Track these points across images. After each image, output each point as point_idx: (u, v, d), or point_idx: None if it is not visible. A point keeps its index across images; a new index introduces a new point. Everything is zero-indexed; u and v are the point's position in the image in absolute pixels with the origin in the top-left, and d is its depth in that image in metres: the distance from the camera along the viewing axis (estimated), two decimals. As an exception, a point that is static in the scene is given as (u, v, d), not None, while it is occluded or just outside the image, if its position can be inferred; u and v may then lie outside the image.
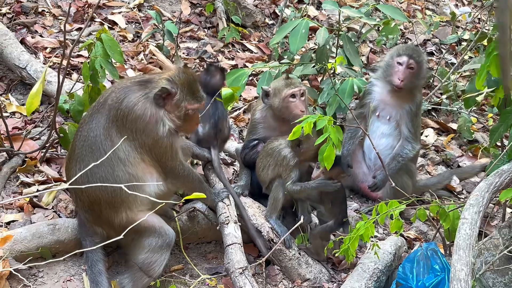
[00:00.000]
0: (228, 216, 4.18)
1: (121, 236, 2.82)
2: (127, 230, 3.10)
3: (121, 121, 3.81)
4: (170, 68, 4.09)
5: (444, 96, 6.73)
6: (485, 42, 6.61)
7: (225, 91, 4.52)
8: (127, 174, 3.83)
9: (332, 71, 5.84)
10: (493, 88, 4.22)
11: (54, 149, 4.87)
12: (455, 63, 7.30)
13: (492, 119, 6.36)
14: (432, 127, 6.52)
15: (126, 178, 3.81)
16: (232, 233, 4.10)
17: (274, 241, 4.29)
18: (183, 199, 2.99)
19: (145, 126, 3.83)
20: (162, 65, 6.20)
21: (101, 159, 3.23)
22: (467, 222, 3.65)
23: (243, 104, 6.09)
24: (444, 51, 7.82)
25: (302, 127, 3.82)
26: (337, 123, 3.90)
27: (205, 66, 4.88)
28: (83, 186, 3.43)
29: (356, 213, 4.93)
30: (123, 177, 3.80)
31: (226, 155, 5.27)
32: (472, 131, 6.36)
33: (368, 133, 4.65)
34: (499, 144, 4.74)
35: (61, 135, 4.50)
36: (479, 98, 4.47)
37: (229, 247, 4.02)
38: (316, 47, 5.91)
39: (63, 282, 3.98)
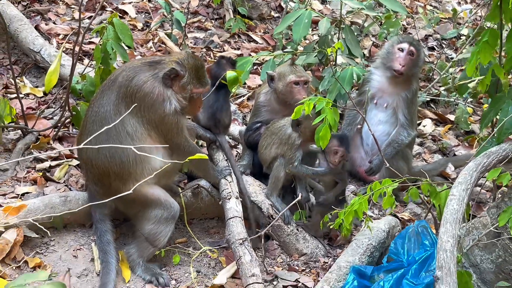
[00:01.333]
0: (230, 192, 4.40)
1: (130, 191, 2.97)
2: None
3: (130, 98, 4.02)
4: (179, 52, 4.28)
5: (442, 88, 6.94)
6: (482, 36, 6.78)
7: (229, 74, 4.73)
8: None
9: (333, 61, 6.07)
10: (485, 76, 4.41)
11: (66, 128, 5.11)
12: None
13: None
14: (430, 118, 6.73)
15: (133, 152, 3.96)
16: (234, 207, 4.32)
17: (274, 217, 4.50)
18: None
19: (152, 103, 4.04)
20: (171, 51, 6.43)
21: (106, 127, 3.50)
22: (455, 198, 3.83)
23: (247, 91, 6.31)
24: (444, 46, 8.03)
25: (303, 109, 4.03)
26: (336, 107, 4.11)
27: (216, 59, 5.07)
28: (96, 146, 3.67)
29: (353, 194, 5.13)
30: (130, 151, 3.98)
31: (230, 138, 5.49)
32: (469, 122, 6.58)
33: (366, 119, 4.87)
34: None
35: (73, 113, 4.72)
36: (471, 85, 4.67)
37: (230, 220, 4.24)
38: (319, 38, 6.15)
39: (73, 250, 4.20)
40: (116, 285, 4.03)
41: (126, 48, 4.74)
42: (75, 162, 4.79)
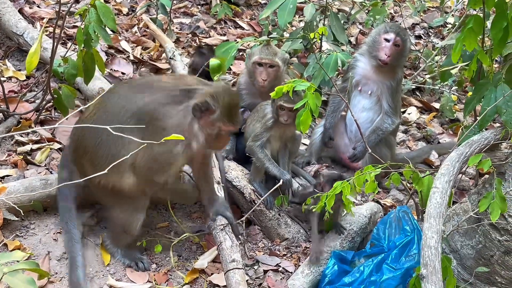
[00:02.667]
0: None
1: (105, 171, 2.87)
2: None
3: (149, 125, 3.72)
4: (215, 85, 3.96)
5: (428, 76, 6.94)
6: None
7: (212, 61, 4.72)
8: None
9: (318, 48, 6.06)
10: (468, 62, 4.42)
11: (48, 112, 5.08)
12: (441, 46, 7.51)
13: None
14: (415, 106, 6.74)
15: (121, 147, 3.79)
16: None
17: (256, 202, 4.50)
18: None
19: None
20: (156, 36, 6.39)
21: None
22: (438, 191, 3.84)
23: (232, 77, 6.29)
24: (431, 34, 8.04)
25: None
26: (320, 93, 4.10)
27: (194, 49, 5.02)
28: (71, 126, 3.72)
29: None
30: (119, 146, 3.79)
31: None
32: (453, 110, 6.60)
33: (349, 106, 4.88)
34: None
35: (55, 96, 4.69)
36: (454, 71, 4.67)
37: (212, 207, 4.25)
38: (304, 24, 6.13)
39: (54, 234, 4.18)
40: (83, 254, 4.04)
41: (110, 32, 4.70)
42: (56, 145, 4.77)
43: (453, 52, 4.12)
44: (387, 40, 5.23)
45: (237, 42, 5.61)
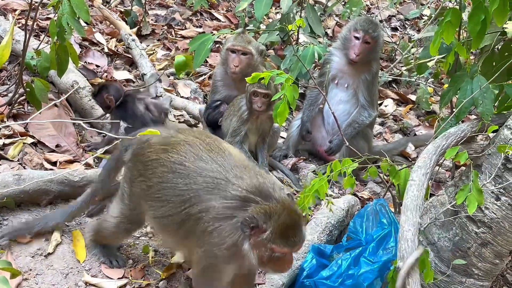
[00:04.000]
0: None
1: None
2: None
3: (196, 231, 3.44)
4: (278, 200, 3.33)
5: (404, 69, 6.96)
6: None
7: (178, 58, 4.68)
8: None
9: (295, 40, 6.03)
10: (445, 55, 4.42)
11: (21, 106, 4.98)
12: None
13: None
14: (392, 98, 6.75)
15: None
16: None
17: (233, 196, 4.46)
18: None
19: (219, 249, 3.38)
20: (111, 23, 6.30)
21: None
22: (414, 183, 3.84)
23: (209, 69, 6.24)
24: (407, 26, 8.05)
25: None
26: (298, 85, 4.08)
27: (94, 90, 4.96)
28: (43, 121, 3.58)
29: (314, 173, 5.12)
30: None
31: (191, 117, 5.43)
32: (430, 102, 6.62)
33: (327, 99, 4.86)
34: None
35: (27, 89, 4.60)
36: (430, 64, 4.68)
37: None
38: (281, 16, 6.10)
39: (28, 230, 4.11)
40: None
41: (83, 24, 4.62)
42: (30, 140, 4.68)
43: (432, 45, 4.11)
44: (356, 38, 5.21)
45: (213, 34, 5.57)
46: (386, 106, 6.56)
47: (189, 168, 3.43)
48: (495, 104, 4.32)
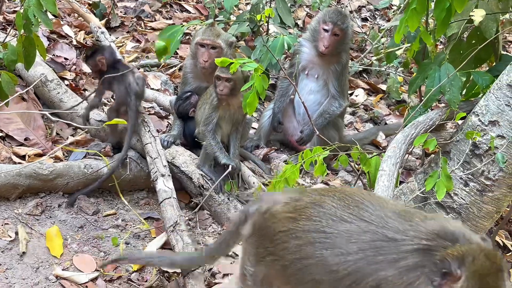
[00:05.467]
0: (156, 172, 4.34)
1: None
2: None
3: None
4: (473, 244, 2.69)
5: (374, 58, 7.00)
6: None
7: (158, 43, 4.64)
8: None
9: (265, 31, 6.03)
10: (412, 43, 4.46)
11: (-12, 100, 4.91)
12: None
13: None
14: (362, 88, 6.79)
15: None
16: (162, 188, 4.27)
17: (204, 187, 4.46)
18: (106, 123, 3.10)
19: None
20: (81, 16, 6.24)
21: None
22: (385, 173, 3.88)
23: (179, 61, 6.21)
24: (377, 17, 8.10)
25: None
26: (268, 76, 4.09)
27: (87, 52, 4.94)
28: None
29: (285, 163, 5.13)
30: None
31: (161, 108, 5.41)
32: (400, 92, 6.68)
33: (297, 89, 4.87)
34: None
35: (-6, 83, 4.53)
36: (398, 52, 4.71)
37: (161, 205, 4.23)
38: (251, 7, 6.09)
39: (1, 225, 4.06)
40: None
41: (51, 16, 4.57)
42: (-3, 134, 4.63)
43: (396, 33, 4.15)
44: (325, 30, 5.21)
45: (183, 25, 5.54)
46: (356, 96, 6.59)
47: (331, 235, 2.76)
48: (463, 92, 4.37)
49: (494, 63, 4.63)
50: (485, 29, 4.37)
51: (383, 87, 6.85)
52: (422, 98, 4.69)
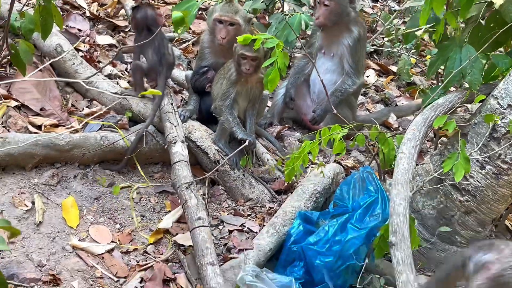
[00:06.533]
0: (176, 136, 4.32)
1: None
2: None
3: None
4: None
5: (386, 39, 6.98)
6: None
7: (175, 14, 4.60)
8: None
9: (278, 8, 6.00)
10: (432, 24, 4.44)
11: (3, 69, 4.89)
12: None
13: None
14: (373, 69, 6.77)
15: None
16: (179, 151, 4.25)
17: (220, 163, 4.46)
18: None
19: None
20: None
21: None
22: (404, 156, 3.87)
23: (192, 36, 6.19)
24: (388, -2, 8.07)
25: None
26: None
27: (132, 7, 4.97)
28: None
29: (299, 141, 5.13)
30: None
31: (175, 83, 5.39)
32: (410, 74, 6.67)
33: (316, 66, 4.85)
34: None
35: (12, 51, 4.50)
36: (418, 33, 4.70)
37: (176, 164, 4.18)
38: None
39: (16, 195, 4.05)
40: None
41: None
42: (13, 103, 4.60)
43: (422, 15, 4.11)
44: (319, 3, 5.21)
45: (198, 0, 5.49)
46: (368, 76, 6.57)
47: None
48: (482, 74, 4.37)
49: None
50: (505, 12, 4.33)
51: (394, 68, 6.83)
52: (439, 81, 4.70)
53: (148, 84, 4.78)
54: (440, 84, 4.41)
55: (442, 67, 4.45)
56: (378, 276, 4.11)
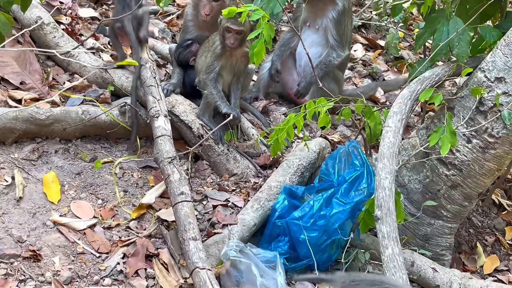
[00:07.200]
0: (158, 110, 4.25)
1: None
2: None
3: None
4: None
5: (374, 13, 6.91)
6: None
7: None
8: None
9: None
10: (420, -3, 4.38)
11: (-19, 42, 4.78)
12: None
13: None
14: (361, 43, 6.71)
15: None
16: (162, 125, 4.17)
17: (204, 137, 4.39)
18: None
19: None
20: None
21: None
22: (390, 130, 3.82)
23: (176, 9, 6.09)
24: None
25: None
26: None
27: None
28: None
29: (284, 115, 5.07)
30: None
31: (159, 57, 5.31)
32: (398, 48, 6.61)
33: (301, 38, 4.77)
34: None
35: (-10, 23, 4.40)
36: (406, 5, 4.63)
37: (159, 139, 4.10)
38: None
39: (-10, 174, 3.99)
40: None
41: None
42: (-6, 77, 4.52)
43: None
44: None
45: (182, -28, 5.39)
46: (355, 51, 6.51)
47: None
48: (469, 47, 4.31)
49: (499, 20, 4.56)
50: (492, -16, 4.29)
51: (382, 42, 6.77)
52: (427, 54, 4.64)
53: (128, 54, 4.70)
54: (427, 57, 4.35)
55: (430, 41, 4.40)
56: (363, 250, 4.08)
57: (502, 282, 4.44)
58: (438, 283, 4.12)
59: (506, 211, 5.12)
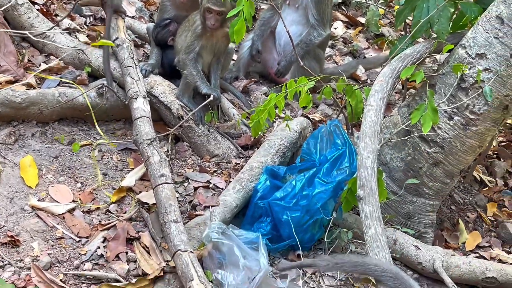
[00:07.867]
0: (137, 91, 4.18)
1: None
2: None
3: None
4: None
5: (354, -11, 6.87)
6: None
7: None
8: None
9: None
10: (400, -28, 4.33)
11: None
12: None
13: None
14: (341, 21, 6.66)
15: None
16: (141, 107, 4.10)
17: (184, 118, 4.34)
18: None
19: None
20: None
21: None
22: (372, 108, 3.79)
23: (155, -12, 5.99)
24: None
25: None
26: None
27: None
28: None
29: (265, 95, 5.02)
30: None
31: (136, 37, 5.22)
32: (379, 25, 6.57)
33: (282, 16, 4.71)
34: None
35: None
36: (385, -19, 4.59)
37: (138, 120, 4.04)
38: None
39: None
40: None
41: None
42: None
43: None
44: None
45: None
46: (335, 28, 6.46)
47: None
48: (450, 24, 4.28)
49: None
50: (473, -41, 4.25)
51: (362, 20, 6.73)
52: (407, 31, 4.60)
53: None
54: (408, 34, 4.31)
55: (411, 18, 4.36)
56: (346, 230, 4.07)
57: (484, 258, 4.46)
58: (420, 260, 4.12)
59: (487, 188, 5.14)
